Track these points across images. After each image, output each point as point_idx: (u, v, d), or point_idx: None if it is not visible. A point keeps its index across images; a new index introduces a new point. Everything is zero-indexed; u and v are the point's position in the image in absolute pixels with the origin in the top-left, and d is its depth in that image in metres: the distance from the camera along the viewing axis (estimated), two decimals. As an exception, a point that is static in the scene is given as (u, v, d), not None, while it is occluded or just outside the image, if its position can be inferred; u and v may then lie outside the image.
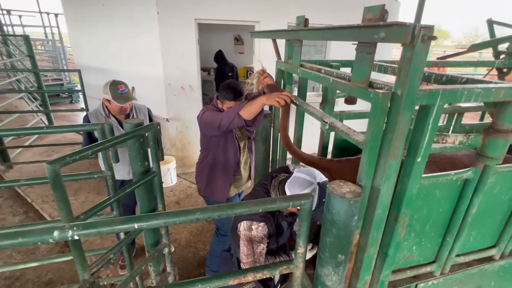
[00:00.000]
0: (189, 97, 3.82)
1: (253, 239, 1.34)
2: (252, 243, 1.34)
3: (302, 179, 1.24)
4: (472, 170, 1.27)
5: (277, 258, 1.48)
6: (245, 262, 1.37)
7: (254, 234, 1.33)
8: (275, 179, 1.46)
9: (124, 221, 0.77)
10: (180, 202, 3.56)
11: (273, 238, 1.43)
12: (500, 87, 0.88)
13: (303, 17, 1.38)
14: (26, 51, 4.93)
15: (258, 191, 1.49)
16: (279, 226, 1.45)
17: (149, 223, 0.78)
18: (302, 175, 1.25)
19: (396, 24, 0.73)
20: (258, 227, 1.34)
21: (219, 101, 1.90)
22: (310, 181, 1.22)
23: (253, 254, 1.34)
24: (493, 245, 1.67)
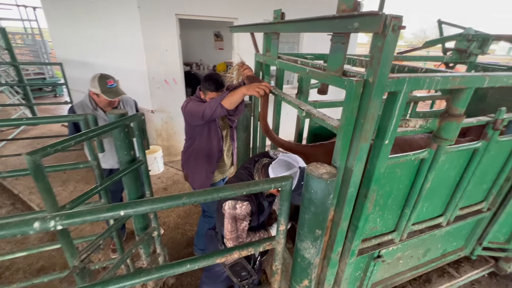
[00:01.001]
0: (172, 90, 3.63)
1: (237, 217, 1.31)
2: (236, 221, 1.31)
3: (286, 161, 1.22)
4: (428, 151, 1.30)
5: (257, 234, 1.46)
6: (229, 238, 1.35)
7: (238, 212, 1.30)
8: (258, 162, 1.43)
9: (109, 209, 0.70)
10: (168, 188, 3.44)
11: (254, 216, 1.41)
12: (455, 76, 0.89)
13: (280, 11, 1.32)
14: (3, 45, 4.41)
15: (242, 174, 1.46)
16: (261, 205, 1.43)
17: (136, 210, 0.71)
18: (286, 158, 1.23)
19: (369, 13, 0.70)
20: (242, 205, 1.31)
21: (202, 92, 1.81)
22: (292, 164, 1.21)
23: (236, 231, 1.32)
24: (441, 214, 1.76)
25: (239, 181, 1.41)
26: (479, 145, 1.49)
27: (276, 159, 1.28)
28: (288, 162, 1.21)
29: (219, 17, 3.51)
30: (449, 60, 2.35)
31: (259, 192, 1.41)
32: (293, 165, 1.20)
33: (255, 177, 1.38)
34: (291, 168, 1.19)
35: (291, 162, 1.21)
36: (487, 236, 2.08)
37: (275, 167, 1.24)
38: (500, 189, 1.85)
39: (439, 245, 2.04)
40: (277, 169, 1.22)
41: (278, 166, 1.22)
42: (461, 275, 2.22)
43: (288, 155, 1.26)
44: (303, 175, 1.21)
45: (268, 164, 1.31)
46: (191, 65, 6.41)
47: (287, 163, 1.21)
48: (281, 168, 1.21)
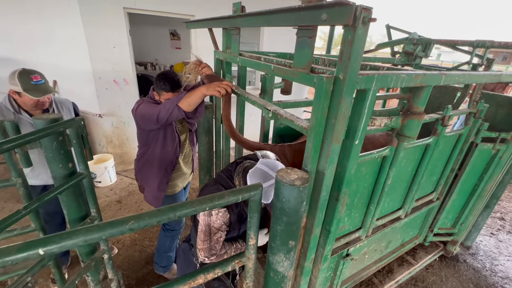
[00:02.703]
0: (124, 91, 3.28)
1: (211, 225, 1.17)
2: (210, 229, 1.17)
3: (263, 171, 1.09)
4: (389, 148, 1.33)
5: (234, 244, 1.33)
6: (200, 248, 1.20)
7: (214, 220, 1.16)
8: (240, 165, 1.29)
9: (22, 249, 0.51)
10: (122, 200, 3.08)
11: (235, 225, 1.27)
12: (418, 74, 0.89)
13: (240, 4, 1.22)
14: None
15: (221, 177, 1.31)
16: (242, 213, 1.30)
17: (62, 245, 0.54)
18: (264, 167, 1.10)
19: (339, 3, 0.64)
20: (219, 213, 1.17)
21: (156, 93, 1.61)
22: (270, 175, 1.08)
23: (209, 241, 1.17)
24: (400, 207, 1.85)
25: (218, 185, 1.26)
26: (430, 141, 1.58)
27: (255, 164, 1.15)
28: (264, 171, 1.08)
29: (174, 13, 3.28)
30: (398, 62, 2.52)
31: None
32: (270, 175, 1.07)
33: (235, 181, 1.25)
34: (269, 179, 1.07)
35: (268, 172, 1.08)
36: (437, 223, 2.26)
37: (252, 176, 1.12)
38: (446, 180, 2.02)
39: (399, 236, 2.15)
40: (254, 179, 1.11)
41: (256, 175, 1.11)
42: (417, 261, 2.38)
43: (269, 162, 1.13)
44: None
45: (249, 168, 1.18)
46: (146, 65, 5.96)
47: (264, 173, 1.08)
48: (259, 177, 1.09)
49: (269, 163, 1.10)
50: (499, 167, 2.09)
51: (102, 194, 3.18)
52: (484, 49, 2.13)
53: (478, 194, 2.22)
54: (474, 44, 2.12)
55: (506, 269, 2.48)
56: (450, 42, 2.29)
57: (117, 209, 2.92)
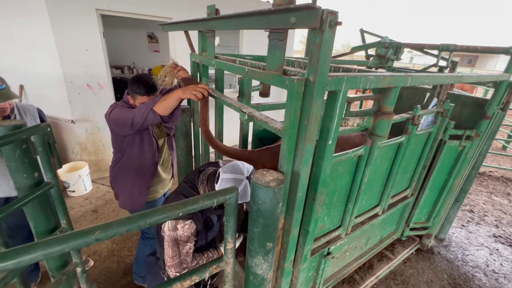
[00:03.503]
0: (98, 95, 3.15)
1: (179, 239, 1.12)
2: (178, 244, 1.12)
3: (231, 179, 1.08)
4: (364, 148, 1.37)
5: (205, 254, 1.30)
6: (170, 264, 1.15)
7: (180, 234, 1.12)
8: (203, 173, 1.27)
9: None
10: (98, 210, 2.94)
11: (202, 234, 1.25)
12: (385, 75, 0.94)
13: (214, 6, 1.22)
14: None
15: (184, 188, 1.27)
16: (208, 220, 1.27)
17: (19, 261, 0.50)
18: (229, 175, 1.09)
19: (307, 7, 0.65)
20: (185, 225, 1.13)
21: (130, 97, 1.56)
22: (239, 179, 1.08)
23: (179, 255, 1.13)
24: (377, 204, 1.91)
25: (181, 197, 1.22)
26: (402, 139, 1.66)
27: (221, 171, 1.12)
28: (232, 179, 1.08)
29: (150, 15, 3.21)
30: (372, 64, 2.63)
31: None
32: (239, 179, 1.07)
33: (200, 190, 1.21)
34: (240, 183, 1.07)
35: (236, 177, 1.08)
36: (412, 218, 2.37)
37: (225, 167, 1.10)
38: (419, 176, 2.12)
39: (377, 232, 2.22)
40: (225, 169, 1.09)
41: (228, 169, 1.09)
42: (396, 256, 2.47)
43: (229, 168, 1.12)
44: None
45: (214, 174, 1.16)
46: (122, 68, 5.78)
47: (233, 180, 1.08)
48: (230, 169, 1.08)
49: (231, 167, 1.10)
50: (465, 162, 2.22)
51: (76, 204, 3.02)
52: (449, 52, 2.27)
53: (448, 189, 2.34)
54: (439, 48, 2.26)
55: (476, 258, 2.64)
56: (418, 46, 2.42)
57: (93, 219, 2.78)
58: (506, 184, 4.27)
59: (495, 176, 4.52)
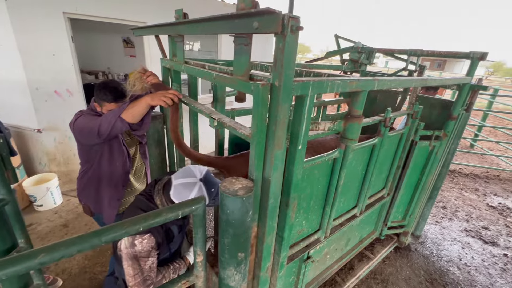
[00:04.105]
0: (67, 103, 2.98)
1: (138, 256, 1.05)
2: (138, 261, 1.04)
3: (183, 184, 1.04)
4: (338, 151, 1.39)
5: (170, 266, 1.23)
6: (133, 284, 1.05)
7: (139, 250, 1.04)
8: (159, 183, 1.20)
9: None
10: (69, 224, 2.76)
11: (163, 246, 1.17)
12: (352, 80, 0.95)
13: (181, 10, 1.19)
14: None
15: (139, 200, 1.19)
16: (169, 231, 1.20)
17: None
18: (181, 181, 1.05)
19: (267, 11, 0.64)
20: (143, 240, 1.05)
21: (97, 104, 1.48)
22: (192, 182, 1.04)
23: (141, 273, 1.05)
24: (355, 205, 1.94)
25: (137, 211, 1.14)
26: (376, 141, 1.70)
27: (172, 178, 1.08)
28: (185, 183, 1.04)
29: (123, 19, 3.11)
30: (347, 69, 2.70)
31: None
32: (193, 183, 1.03)
33: (156, 201, 1.15)
34: (195, 186, 1.03)
35: (189, 181, 1.04)
36: (390, 217, 2.43)
37: (177, 196, 1.05)
38: (394, 176, 2.18)
39: (356, 233, 2.25)
40: (180, 197, 1.04)
41: (179, 193, 1.04)
42: (375, 255, 2.52)
43: (181, 173, 1.08)
44: (210, 182, 1.07)
45: (168, 183, 1.10)
46: (97, 74, 5.55)
47: (186, 184, 1.03)
48: (183, 193, 1.03)
49: (182, 172, 1.07)
50: (436, 161, 2.33)
51: (44, 219, 2.82)
52: (416, 57, 2.38)
53: (422, 187, 2.44)
54: (408, 53, 2.36)
55: (449, 253, 2.75)
56: (388, 51, 2.52)
57: (63, 235, 2.61)
58: (475, 180, 4.53)
59: (465, 173, 4.79)
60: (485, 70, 39.33)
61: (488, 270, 2.55)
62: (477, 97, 2.22)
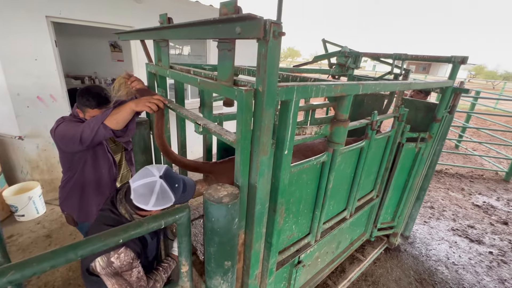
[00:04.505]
0: (51, 108, 2.89)
1: (120, 272, 0.99)
2: (121, 276, 0.99)
3: (143, 185, 0.98)
4: (326, 154, 1.39)
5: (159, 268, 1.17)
6: None
7: (119, 265, 0.98)
8: (120, 192, 1.13)
9: None
10: (53, 234, 2.66)
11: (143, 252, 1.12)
12: (337, 84, 0.95)
13: (166, 15, 1.18)
14: None
15: (102, 216, 1.10)
16: (141, 240, 1.14)
17: None
18: (140, 182, 0.99)
19: (249, 17, 0.64)
20: (120, 255, 0.98)
21: (79, 110, 1.44)
22: (152, 181, 0.98)
23: (130, 287, 0.99)
24: (345, 208, 1.95)
25: (102, 226, 1.06)
26: (363, 144, 1.72)
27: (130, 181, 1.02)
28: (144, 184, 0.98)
29: (109, 24, 3.06)
30: (334, 72, 2.74)
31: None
32: (152, 182, 0.97)
33: (121, 211, 1.08)
34: (154, 186, 0.97)
35: (147, 181, 0.98)
36: (379, 219, 2.46)
37: (139, 200, 0.99)
38: (382, 178, 2.21)
39: (347, 235, 2.26)
40: (142, 200, 0.98)
41: (140, 196, 0.98)
42: (366, 257, 2.53)
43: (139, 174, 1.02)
44: (171, 177, 1.02)
45: (129, 188, 1.04)
46: (83, 78, 5.44)
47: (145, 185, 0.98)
48: (144, 194, 0.97)
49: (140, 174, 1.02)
50: (422, 162, 2.37)
51: (26, 230, 2.70)
52: (401, 61, 2.44)
53: (409, 188, 2.48)
54: (393, 57, 2.42)
55: (437, 252, 2.80)
56: (374, 55, 2.57)
57: (46, 246, 2.50)
58: (460, 180, 4.65)
59: (451, 173, 4.92)
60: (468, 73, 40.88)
61: (474, 268, 2.61)
62: (459, 99, 2.29)
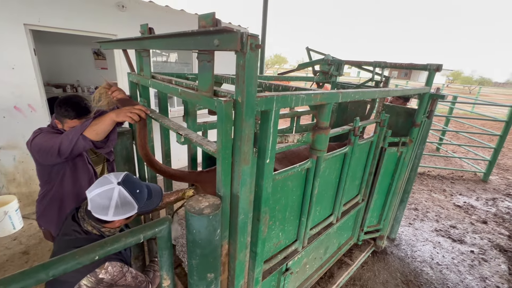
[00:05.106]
0: (29, 119, 2.79)
1: (114, 283, 0.96)
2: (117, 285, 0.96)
3: (99, 194, 0.93)
4: (310, 161, 1.41)
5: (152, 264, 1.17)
6: None
7: (111, 278, 0.94)
8: (80, 209, 1.07)
9: None
10: (30, 251, 2.52)
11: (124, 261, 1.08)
12: (317, 93, 0.98)
13: (147, 25, 1.17)
14: None
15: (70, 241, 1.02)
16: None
17: None
18: (96, 191, 0.94)
19: (226, 30, 0.65)
20: (107, 268, 0.94)
21: (58, 121, 1.40)
22: (109, 189, 0.93)
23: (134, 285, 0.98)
24: (331, 213, 1.97)
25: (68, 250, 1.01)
26: (347, 150, 1.75)
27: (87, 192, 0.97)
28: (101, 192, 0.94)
29: (91, 32, 3.01)
30: (318, 80, 2.80)
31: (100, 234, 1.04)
32: (110, 189, 0.93)
33: (87, 228, 1.02)
34: (112, 193, 0.93)
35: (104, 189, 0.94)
36: (366, 222, 2.50)
37: (96, 210, 0.94)
38: (367, 182, 2.26)
39: (334, 240, 2.28)
40: (100, 209, 0.94)
41: (97, 205, 0.94)
42: (353, 261, 2.56)
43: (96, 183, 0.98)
44: (131, 183, 0.99)
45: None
46: (64, 87, 5.29)
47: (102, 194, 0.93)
48: (101, 203, 0.93)
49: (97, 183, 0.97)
50: (404, 166, 2.45)
51: (1, 246, 2.56)
52: (381, 68, 2.53)
53: (393, 191, 2.54)
54: (373, 64, 2.51)
55: (422, 253, 2.87)
56: (356, 63, 2.66)
57: (23, 263, 2.37)
58: (442, 181, 4.82)
59: (433, 175, 5.09)
60: (446, 79, 42.87)
61: (457, 267, 2.68)
62: (436, 105, 2.39)
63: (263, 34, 5.15)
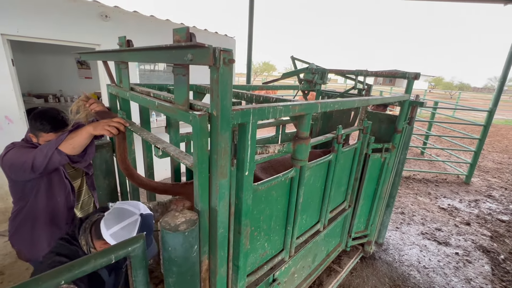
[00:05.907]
0: (6, 131, 2.68)
1: None
2: None
3: (123, 209, 0.95)
4: (294, 170, 1.42)
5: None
6: None
7: None
8: (87, 221, 1.07)
9: None
10: (5, 270, 2.38)
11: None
12: (295, 104, 0.99)
13: (125, 38, 1.17)
14: None
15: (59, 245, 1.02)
16: (96, 277, 1.04)
17: None
18: (125, 205, 0.97)
19: (198, 45, 0.65)
20: None
21: (33, 135, 1.35)
22: (132, 211, 0.95)
23: None
24: (318, 221, 1.97)
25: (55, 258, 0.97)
26: (331, 157, 1.77)
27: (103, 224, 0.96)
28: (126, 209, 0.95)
29: (72, 41, 2.95)
30: (303, 88, 2.85)
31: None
32: (132, 212, 0.94)
33: (81, 242, 1.01)
34: (130, 216, 0.94)
35: (130, 209, 0.95)
36: (353, 228, 2.51)
37: (108, 219, 0.94)
38: (353, 188, 2.29)
39: (323, 248, 2.28)
40: (111, 221, 0.93)
41: (112, 218, 0.94)
42: (342, 268, 2.56)
43: (130, 202, 1.00)
44: (147, 225, 0.97)
45: (100, 220, 0.99)
46: (46, 97, 5.14)
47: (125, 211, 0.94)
48: (115, 219, 0.93)
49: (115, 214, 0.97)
50: (388, 171, 2.50)
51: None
52: (363, 76, 2.60)
53: (379, 196, 2.58)
54: (355, 73, 2.57)
55: (409, 257, 2.91)
56: (339, 71, 2.72)
57: (-3, 284, 2.24)
58: (427, 184, 4.94)
59: (418, 178, 5.22)
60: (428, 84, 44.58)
61: (443, 270, 2.73)
62: (416, 111, 2.47)
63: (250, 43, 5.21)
